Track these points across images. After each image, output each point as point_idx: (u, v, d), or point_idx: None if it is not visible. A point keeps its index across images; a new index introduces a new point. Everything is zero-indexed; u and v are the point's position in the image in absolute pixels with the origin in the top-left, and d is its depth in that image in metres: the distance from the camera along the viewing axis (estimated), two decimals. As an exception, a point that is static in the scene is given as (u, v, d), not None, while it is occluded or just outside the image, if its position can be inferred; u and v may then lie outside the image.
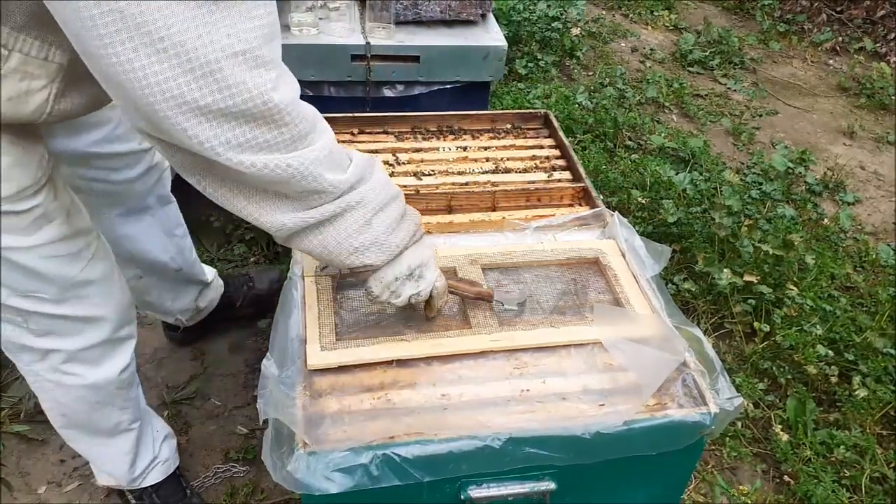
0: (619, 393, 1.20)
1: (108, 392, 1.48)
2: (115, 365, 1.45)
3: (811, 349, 2.22)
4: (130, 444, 1.62)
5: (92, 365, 1.42)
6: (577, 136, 3.33)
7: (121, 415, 1.55)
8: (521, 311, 1.35)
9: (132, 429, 1.60)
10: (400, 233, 1.14)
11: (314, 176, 0.99)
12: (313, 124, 1.00)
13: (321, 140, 1.01)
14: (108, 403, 1.50)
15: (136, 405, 1.59)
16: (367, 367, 1.21)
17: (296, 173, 0.97)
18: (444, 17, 2.23)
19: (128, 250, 1.77)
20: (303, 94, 1.02)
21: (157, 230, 1.81)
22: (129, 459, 1.64)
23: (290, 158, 0.96)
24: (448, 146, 1.82)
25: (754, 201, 2.95)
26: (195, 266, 2.02)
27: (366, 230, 1.09)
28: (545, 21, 4.05)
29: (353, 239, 1.09)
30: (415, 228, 1.17)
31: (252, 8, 0.87)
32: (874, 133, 3.80)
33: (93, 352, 1.40)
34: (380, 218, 1.10)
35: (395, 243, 1.13)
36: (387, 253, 1.13)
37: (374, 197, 1.08)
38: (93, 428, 1.54)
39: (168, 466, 1.75)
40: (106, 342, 1.41)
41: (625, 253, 1.46)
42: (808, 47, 4.67)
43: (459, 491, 1.15)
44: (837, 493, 1.90)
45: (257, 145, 0.93)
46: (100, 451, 1.63)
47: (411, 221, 1.16)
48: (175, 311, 2.07)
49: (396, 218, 1.13)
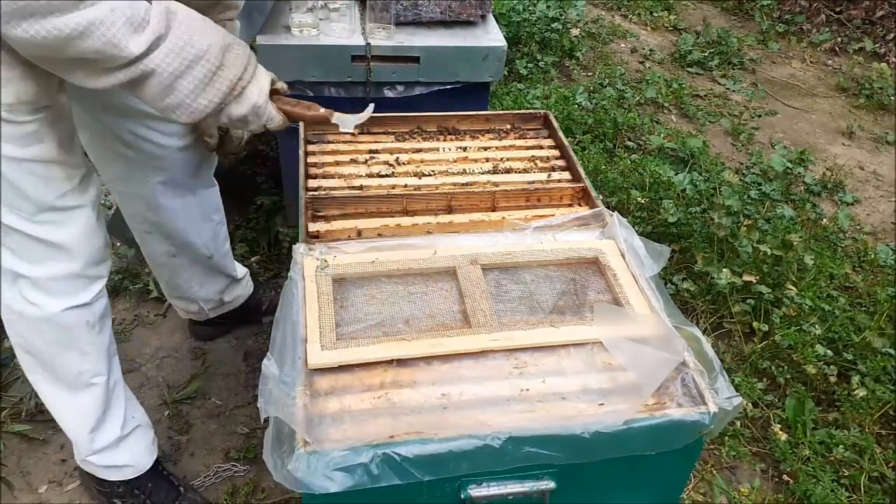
0: (619, 392, 1.20)
1: (67, 330, 1.45)
2: (77, 299, 1.44)
3: (810, 349, 2.22)
4: (93, 403, 1.58)
5: (54, 296, 1.41)
6: (576, 137, 3.33)
7: (82, 362, 1.52)
8: (360, 128, 1.41)
9: (95, 383, 1.56)
10: (208, 94, 1.18)
11: (99, 38, 1.03)
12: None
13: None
14: (69, 345, 1.48)
15: (101, 356, 1.55)
16: (368, 366, 1.21)
17: (75, 34, 1.01)
18: (444, 17, 2.23)
19: (165, 224, 1.83)
20: (303, 95, 1.02)
21: (195, 210, 1.86)
22: (91, 423, 1.60)
23: (69, 19, 1.00)
24: (448, 146, 1.83)
25: (753, 201, 2.96)
26: (227, 257, 2.06)
27: (170, 93, 1.15)
28: (545, 22, 4.05)
29: (160, 100, 1.16)
30: (228, 87, 1.20)
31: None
32: (873, 133, 3.81)
33: (58, 283, 1.40)
34: (182, 83, 1.15)
35: (203, 104, 1.19)
36: (196, 114, 1.20)
37: (168, 64, 1.12)
38: (56, 373, 1.52)
39: (141, 464, 1.72)
40: (72, 276, 1.41)
41: (624, 253, 1.46)
42: (808, 48, 4.67)
43: (459, 490, 1.15)
44: (836, 492, 1.91)
45: (34, 10, 0.97)
46: (62, 404, 1.59)
47: (223, 79, 1.19)
48: (199, 299, 2.10)
49: (203, 80, 1.16)
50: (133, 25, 1.06)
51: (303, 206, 1.54)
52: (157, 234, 1.88)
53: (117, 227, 2.52)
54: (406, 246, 1.45)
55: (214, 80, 1.18)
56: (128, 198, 1.82)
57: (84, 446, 1.65)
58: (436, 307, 1.34)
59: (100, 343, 1.53)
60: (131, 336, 2.30)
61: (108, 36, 1.03)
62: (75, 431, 1.63)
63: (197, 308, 2.14)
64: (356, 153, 1.77)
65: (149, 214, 1.82)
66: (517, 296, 1.38)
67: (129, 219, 1.88)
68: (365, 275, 1.38)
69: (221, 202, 1.98)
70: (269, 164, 2.92)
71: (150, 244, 1.92)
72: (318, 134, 1.83)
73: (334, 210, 1.58)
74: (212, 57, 1.16)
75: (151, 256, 1.98)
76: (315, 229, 1.53)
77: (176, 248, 1.92)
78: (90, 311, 1.48)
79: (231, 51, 1.21)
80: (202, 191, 1.87)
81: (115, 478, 1.72)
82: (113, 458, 1.68)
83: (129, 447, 1.70)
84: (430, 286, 1.39)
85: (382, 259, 1.41)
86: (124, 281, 2.45)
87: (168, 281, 2.05)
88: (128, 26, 1.05)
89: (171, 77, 1.13)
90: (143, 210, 1.82)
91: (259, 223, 2.68)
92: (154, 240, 1.90)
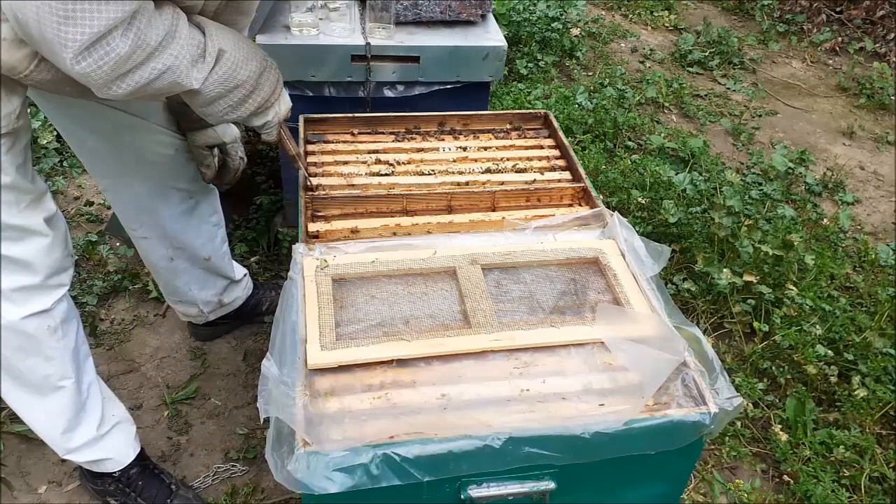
0: (619, 393, 1.20)
1: (28, 337, 1.47)
2: (35, 307, 1.46)
3: (811, 349, 2.22)
4: (63, 405, 1.59)
5: (12, 304, 1.43)
6: (576, 137, 3.33)
7: (46, 366, 1.53)
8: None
9: (62, 386, 1.57)
10: (238, 111, 1.38)
11: (168, 78, 1.22)
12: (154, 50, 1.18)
13: (173, 47, 1.21)
14: (32, 352, 1.49)
15: (65, 360, 1.56)
16: (367, 366, 1.21)
17: (153, 78, 1.20)
18: (444, 17, 2.23)
19: (163, 228, 1.87)
20: (303, 95, 1.02)
21: (192, 214, 1.90)
22: (62, 424, 1.61)
23: (146, 70, 1.19)
24: (448, 146, 1.83)
25: (754, 201, 2.95)
26: (225, 259, 2.08)
27: (208, 105, 1.34)
28: (545, 21, 4.05)
29: (198, 106, 1.35)
30: (256, 107, 1.40)
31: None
32: (874, 133, 3.80)
33: (18, 293, 1.43)
34: (220, 102, 1.34)
35: (231, 118, 1.40)
36: (222, 122, 1.55)
37: (213, 90, 1.30)
38: (23, 379, 1.53)
39: (122, 457, 1.73)
40: (33, 287, 1.44)
41: (624, 253, 1.46)
42: (808, 47, 4.67)
43: (459, 490, 1.15)
44: (837, 492, 1.91)
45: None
46: (32, 410, 1.60)
47: (253, 101, 1.39)
48: (198, 301, 2.11)
49: (237, 102, 1.36)
50: (193, 62, 1.25)
51: (303, 206, 1.54)
52: (154, 239, 1.90)
53: (117, 227, 2.52)
54: (406, 246, 1.45)
55: (245, 101, 1.37)
56: (125, 204, 1.84)
57: (59, 446, 1.66)
58: (436, 307, 1.34)
59: (64, 347, 1.54)
60: (131, 336, 2.30)
61: (175, 76, 1.23)
62: (47, 433, 1.64)
63: (196, 311, 2.14)
64: (356, 153, 1.77)
65: (145, 218, 1.84)
66: (517, 296, 1.38)
67: (126, 224, 1.90)
68: (365, 275, 1.38)
69: (220, 205, 1.99)
70: (269, 164, 2.92)
71: (148, 250, 1.94)
72: (318, 134, 1.83)
73: (334, 210, 1.58)
74: (248, 84, 1.36)
75: (149, 261, 1.99)
76: (315, 229, 1.52)
77: (173, 251, 1.93)
78: (50, 316, 1.49)
79: (265, 75, 1.38)
80: (200, 195, 1.89)
81: (99, 470, 1.73)
82: (93, 454, 1.69)
83: (109, 442, 1.71)
84: (430, 286, 1.39)
85: (382, 259, 1.41)
86: (124, 281, 2.45)
87: (166, 285, 2.06)
88: (190, 66, 1.24)
89: (214, 98, 1.32)
90: (139, 214, 1.84)
91: (259, 223, 2.68)
92: (151, 245, 1.92)
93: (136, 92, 1.21)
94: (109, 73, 1.15)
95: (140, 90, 1.21)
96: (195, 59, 1.25)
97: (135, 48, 1.14)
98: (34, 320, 1.46)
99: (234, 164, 1.85)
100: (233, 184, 1.90)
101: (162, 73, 1.21)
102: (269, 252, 2.61)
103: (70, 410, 1.60)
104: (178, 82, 1.24)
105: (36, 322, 1.47)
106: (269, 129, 1.49)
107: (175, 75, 1.23)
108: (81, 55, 1.10)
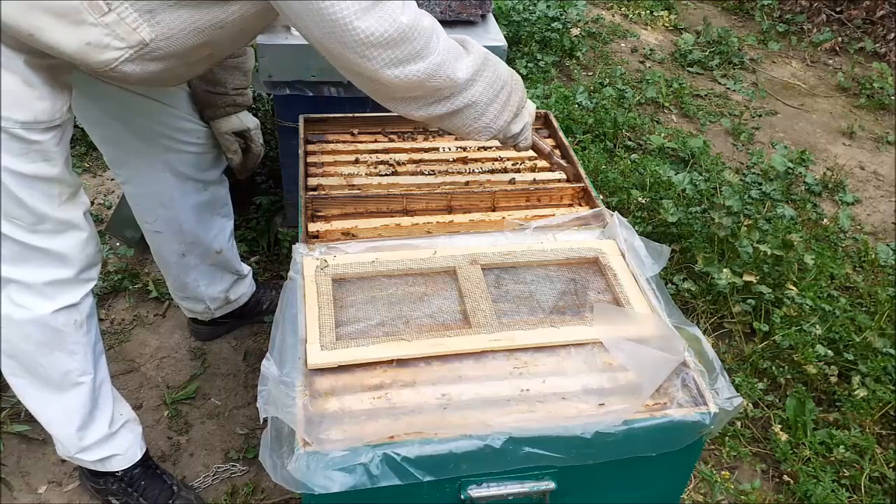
0: (619, 393, 1.20)
1: (55, 331, 1.47)
2: (65, 300, 1.47)
3: (811, 349, 2.22)
4: (80, 402, 1.59)
5: (44, 298, 1.44)
6: (576, 136, 3.33)
7: (69, 361, 1.53)
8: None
9: (82, 382, 1.57)
10: (504, 115, 1.40)
11: (440, 75, 1.24)
12: (431, 32, 1.22)
13: (438, 44, 1.23)
14: (56, 346, 1.49)
15: (87, 355, 1.56)
16: (367, 366, 1.21)
17: (425, 77, 1.22)
18: (445, 17, 2.23)
19: (177, 219, 1.90)
20: (303, 95, 1.02)
21: (206, 205, 1.94)
22: (78, 422, 1.61)
23: (422, 65, 1.21)
24: (448, 146, 1.83)
25: (754, 201, 2.95)
26: (233, 252, 2.11)
27: (479, 119, 1.36)
28: (545, 21, 4.05)
29: (467, 126, 1.38)
30: (517, 108, 1.42)
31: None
32: (874, 133, 3.80)
33: (52, 287, 1.44)
34: (490, 109, 1.36)
35: (500, 124, 1.41)
36: (491, 133, 1.42)
37: (483, 95, 1.33)
38: (41, 375, 1.53)
39: (130, 455, 1.73)
40: (67, 281, 1.46)
41: (624, 253, 1.46)
42: (808, 47, 4.67)
43: (459, 490, 1.15)
44: (837, 492, 1.90)
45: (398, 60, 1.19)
46: (48, 406, 1.60)
47: (514, 103, 1.40)
48: (206, 297, 2.12)
49: (503, 104, 1.38)
50: (456, 57, 1.27)
51: (302, 206, 1.54)
52: (168, 233, 1.92)
53: (116, 227, 2.52)
54: (406, 246, 1.45)
55: (508, 103, 1.39)
56: (142, 196, 1.86)
57: (72, 444, 1.65)
58: (436, 307, 1.34)
59: (86, 342, 1.55)
60: (131, 336, 2.30)
61: (447, 72, 1.25)
62: (61, 430, 1.64)
63: (203, 307, 2.15)
64: (356, 153, 1.77)
65: (161, 211, 1.86)
66: (517, 296, 1.38)
67: (141, 218, 1.92)
68: (365, 275, 1.38)
69: (230, 199, 2.03)
70: (269, 163, 2.91)
71: (161, 244, 1.96)
72: (318, 134, 1.83)
73: (334, 210, 1.58)
74: (507, 84, 1.38)
75: (161, 256, 2.00)
76: (315, 229, 1.52)
77: (186, 247, 1.96)
78: (77, 310, 1.50)
79: (513, 76, 1.40)
80: (214, 186, 1.93)
81: (105, 469, 1.73)
82: (103, 451, 1.69)
83: (119, 440, 1.71)
84: (430, 286, 1.39)
85: (382, 259, 1.41)
86: (124, 281, 2.45)
87: (175, 281, 2.07)
88: (455, 60, 1.26)
89: (484, 106, 1.34)
90: (156, 207, 1.86)
91: (259, 223, 2.67)
92: (164, 240, 1.94)
93: (407, 88, 1.24)
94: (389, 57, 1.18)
95: (411, 87, 1.24)
96: (457, 54, 1.27)
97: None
98: (63, 314, 1.47)
99: (257, 150, 1.95)
100: (254, 170, 1.99)
101: (434, 72, 1.23)
102: (269, 252, 2.61)
103: (86, 407, 1.61)
104: (450, 77, 1.26)
105: (65, 316, 1.48)
106: (526, 134, 1.49)
107: (447, 72, 1.25)
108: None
